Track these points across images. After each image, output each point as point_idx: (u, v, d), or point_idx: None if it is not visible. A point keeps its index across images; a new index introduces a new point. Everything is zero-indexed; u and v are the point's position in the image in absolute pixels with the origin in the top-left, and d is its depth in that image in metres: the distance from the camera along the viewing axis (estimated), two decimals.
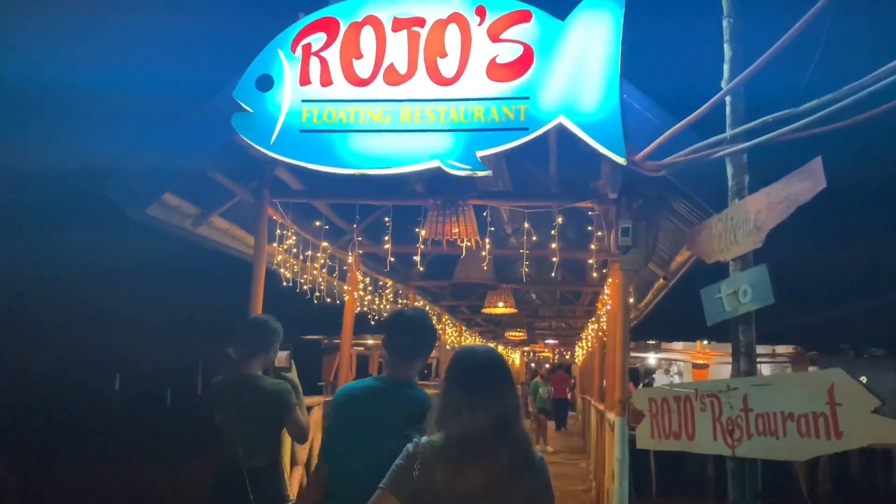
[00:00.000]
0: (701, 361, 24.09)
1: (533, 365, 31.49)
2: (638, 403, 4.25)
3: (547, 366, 26.24)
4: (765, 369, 24.10)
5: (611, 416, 6.08)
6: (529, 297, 16.62)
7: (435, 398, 2.31)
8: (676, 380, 24.16)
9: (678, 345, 23.25)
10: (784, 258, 4.08)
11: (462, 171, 4.34)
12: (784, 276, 3.88)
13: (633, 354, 14.04)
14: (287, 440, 4.79)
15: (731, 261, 3.78)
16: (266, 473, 3.39)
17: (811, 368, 19.43)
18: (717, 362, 24.38)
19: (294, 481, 5.23)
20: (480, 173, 4.32)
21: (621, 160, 4.20)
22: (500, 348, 26.23)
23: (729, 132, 3.89)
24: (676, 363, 25.25)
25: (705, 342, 23.98)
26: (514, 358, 29.40)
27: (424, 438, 2.18)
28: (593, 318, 12.88)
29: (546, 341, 26.94)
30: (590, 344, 15.46)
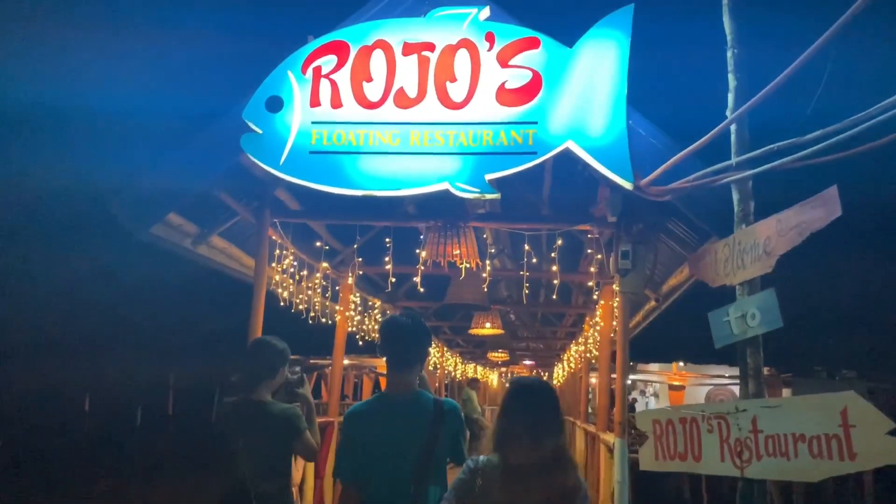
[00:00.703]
0: (677, 383, 24.30)
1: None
2: (641, 425, 4.29)
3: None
4: (738, 391, 24.35)
5: (608, 437, 6.12)
6: (509, 318, 16.69)
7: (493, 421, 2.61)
8: (652, 401, 24.34)
9: (654, 366, 23.41)
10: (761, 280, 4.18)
11: (471, 195, 4.40)
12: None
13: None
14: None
15: (738, 285, 3.87)
16: (276, 499, 3.35)
17: (785, 391, 19.70)
18: (692, 384, 24.64)
19: None
20: (489, 196, 4.38)
21: (628, 185, 4.28)
22: (480, 369, 26.23)
23: (734, 159, 4.00)
24: (652, 385, 25.41)
25: (681, 364, 24.22)
26: (493, 378, 29.42)
27: (483, 457, 2.49)
28: (578, 340, 12.96)
29: (524, 362, 27.01)
30: (573, 365, 15.53)
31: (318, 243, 6.69)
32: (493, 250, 6.28)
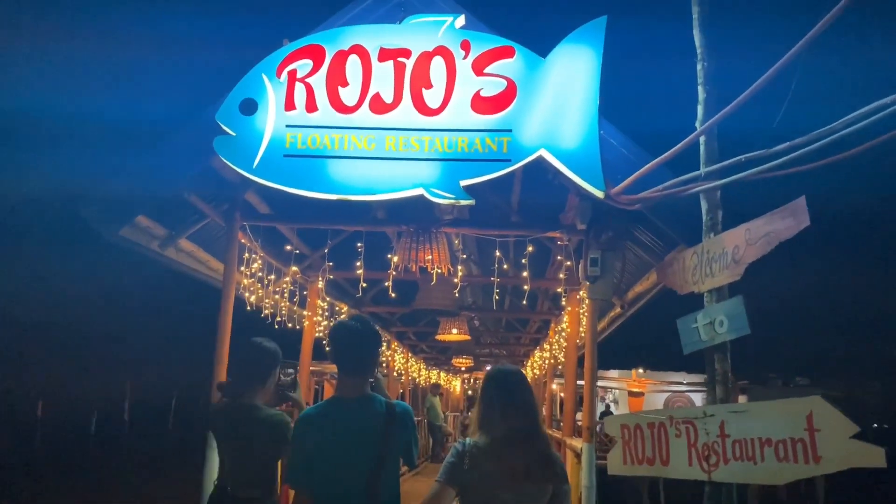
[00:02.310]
0: (637, 389, 24.61)
1: (470, 392, 31.50)
2: (610, 430, 4.36)
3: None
4: (695, 398, 24.84)
5: (575, 443, 6.18)
6: (473, 325, 16.75)
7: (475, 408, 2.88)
8: (612, 408, 24.59)
9: (613, 373, 23.64)
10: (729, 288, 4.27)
11: (445, 200, 4.44)
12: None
13: (561, 381, 14.28)
14: None
15: (706, 292, 3.97)
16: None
17: (741, 398, 20.11)
18: (651, 390, 24.96)
19: None
20: (463, 202, 4.42)
21: (599, 193, 4.35)
22: (443, 375, 26.21)
23: (703, 170, 4.10)
24: (611, 391, 25.68)
25: (640, 371, 24.55)
26: (456, 384, 29.44)
27: (469, 440, 2.77)
28: (543, 346, 13.06)
29: (487, 368, 27.11)
30: (536, 371, 15.64)
31: (287, 247, 6.65)
32: (464, 256, 6.30)
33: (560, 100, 4.45)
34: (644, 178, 4.37)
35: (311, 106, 4.53)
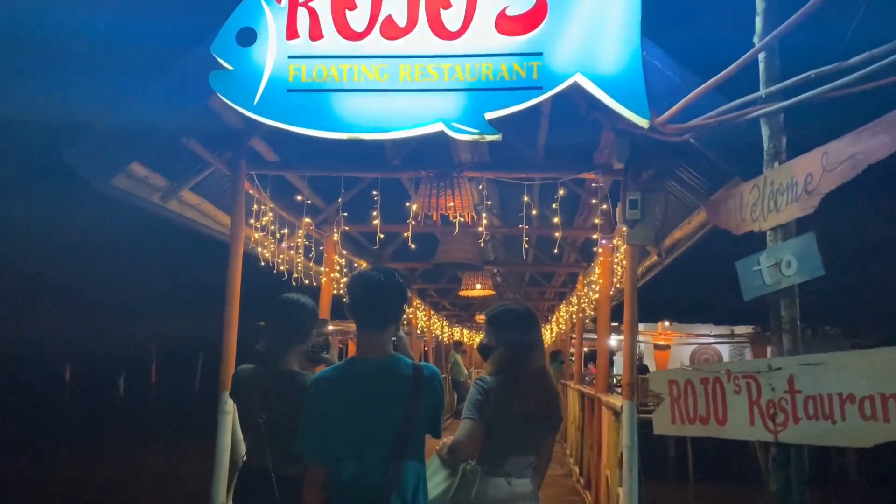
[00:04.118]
0: (663, 343, 24.27)
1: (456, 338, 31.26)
2: (656, 387, 3.93)
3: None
4: (723, 350, 24.45)
5: (613, 400, 5.78)
6: (496, 280, 16.36)
7: (497, 349, 3.07)
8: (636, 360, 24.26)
9: (640, 326, 23.19)
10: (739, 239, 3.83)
11: (469, 136, 3.95)
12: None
13: (590, 336, 13.90)
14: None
15: (770, 230, 3.48)
16: (297, 483, 2.66)
17: (770, 348, 19.64)
18: (677, 343, 24.62)
19: None
20: (489, 137, 3.94)
21: (644, 122, 3.85)
22: (466, 332, 26.00)
23: (764, 90, 3.58)
24: (637, 345, 25.31)
25: (666, 324, 24.17)
26: (477, 340, 29.24)
27: (488, 377, 2.97)
28: (570, 300, 12.63)
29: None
30: (562, 327, 15.25)
31: (298, 197, 6.21)
32: (489, 202, 5.84)
33: (597, 17, 3.92)
34: (692, 105, 3.85)
35: (316, 33, 4.04)
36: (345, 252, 8.15)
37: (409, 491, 2.42)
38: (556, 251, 6.70)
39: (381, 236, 5.90)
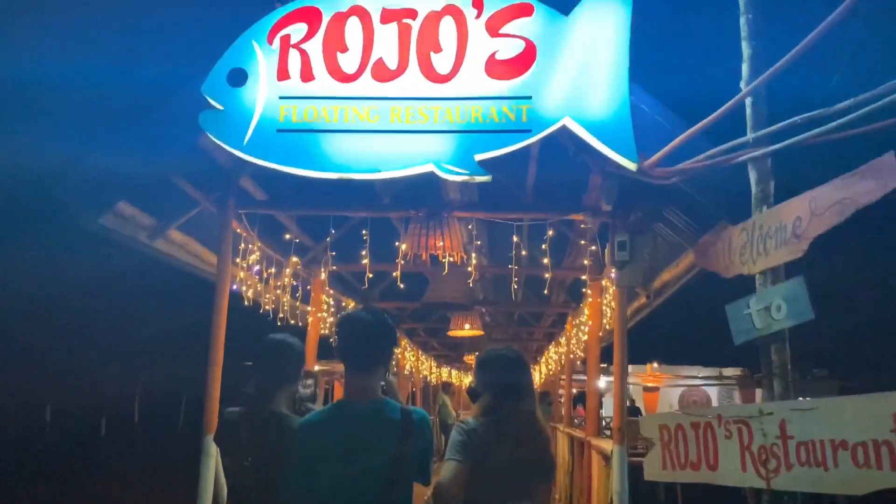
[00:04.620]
0: (652, 384, 24.14)
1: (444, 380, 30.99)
2: (647, 431, 3.88)
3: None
4: (711, 392, 24.35)
5: (603, 444, 5.71)
6: (485, 320, 16.29)
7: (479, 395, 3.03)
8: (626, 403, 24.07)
9: (628, 367, 23.00)
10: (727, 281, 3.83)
11: (459, 177, 3.97)
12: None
13: (579, 377, 13.81)
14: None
15: (759, 274, 3.48)
16: None
17: (758, 391, 19.57)
18: (666, 385, 24.49)
19: None
20: (479, 178, 3.95)
21: (632, 165, 3.87)
22: (455, 373, 25.78)
23: (751, 135, 3.62)
24: (627, 386, 25.11)
25: (655, 365, 24.08)
26: (467, 382, 28.95)
27: (471, 420, 2.90)
28: (559, 341, 12.58)
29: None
30: (551, 367, 15.16)
31: (287, 236, 6.18)
32: (478, 242, 5.83)
33: (585, 62, 3.97)
34: (680, 149, 3.89)
35: (307, 75, 4.07)
36: (332, 291, 8.09)
37: None
38: (545, 292, 6.68)
39: (371, 276, 5.86)
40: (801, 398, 3.36)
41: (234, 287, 5.96)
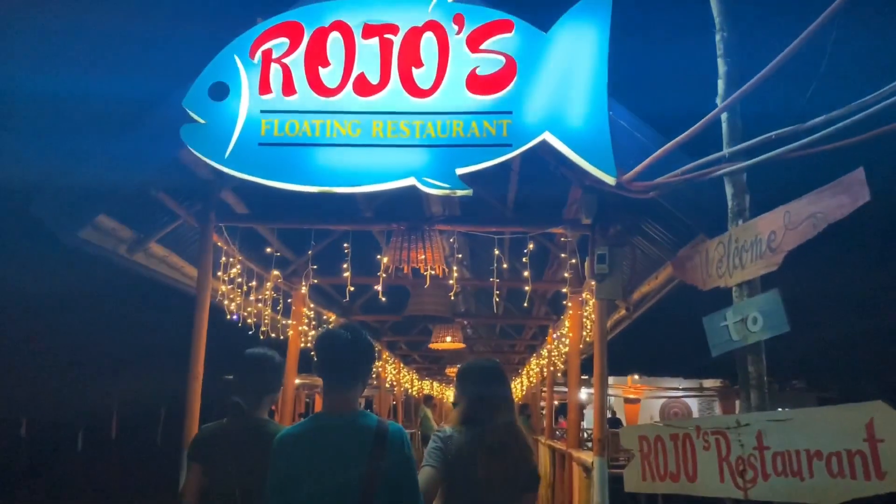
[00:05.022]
0: (633, 396, 24.25)
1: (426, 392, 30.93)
2: (626, 443, 3.91)
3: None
4: (692, 404, 24.50)
5: (584, 456, 5.74)
6: (466, 332, 16.29)
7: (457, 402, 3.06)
8: (607, 415, 24.13)
9: (609, 380, 23.08)
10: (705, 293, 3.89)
11: (440, 190, 3.99)
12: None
13: (560, 389, 13.85)
14: None
15: (735, 287, 3.54)
16: None
17: (738, 402, 19.70)
18: (647, 397, 24.62)
19: None
20: (460, 192, 3.98)
21: (611, 179, 3.92)
22: (436, 385, 25.73)
23: (727, 150, 3.68)
24: (608, 398, 25.17)
25: (636, 377, 24.20)
26: (449, 395, 28.89)
27: (448, 428, 2.93)
28: (540, 353, 12.61)
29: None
30: (532, 380, 15.19)
31: (268, 249, 6.17)
32: (459, 255, 5.86)
33: (565, 78, 4.03)
34: (658, 164, 3.94)
35: (289, 89, 4.08)
36: (313, 305, 8.07)
37: None
38: (525, 304, 6.72)
39: (352, 289, 5.87)
40: (779, 409, 3.41)
41: (216, 300, 5.94)
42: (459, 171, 3.95)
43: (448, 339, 10.92)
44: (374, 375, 14.05)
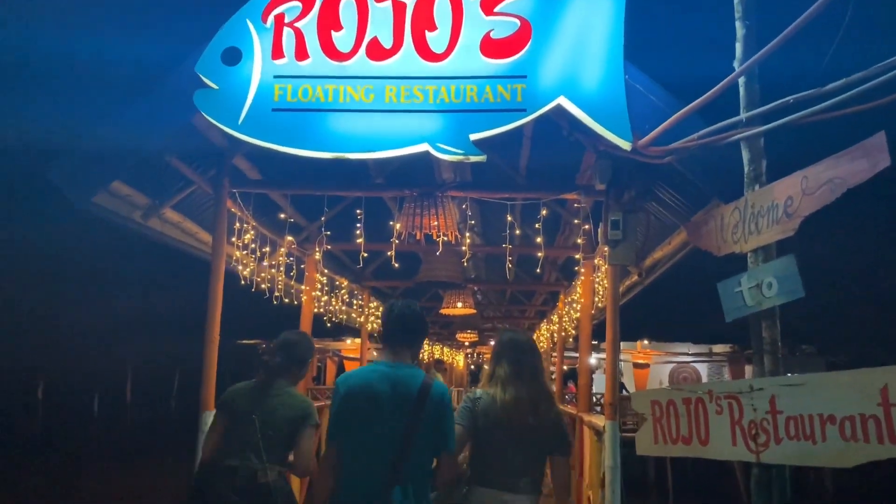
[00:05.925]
0: (642, 361, 24.35)
1: (473, 367, 31.20)
2: (638, 406, 3.95)
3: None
4: (701, 369, 24.58)
5: (595, 420, 5.79)
6: (476, 298, 16.33)
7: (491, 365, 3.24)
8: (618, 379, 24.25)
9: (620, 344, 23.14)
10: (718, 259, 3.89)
11: (453, 156, 3.97)
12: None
13: (570, 354, 13.93)
14: None
15: (751, 252, 3.53)
16: (279, 485, 3.18)
17: (748, 367, 19.73)
18: (656, 362, 24.70)
19: None
20: (474, 158, 3.96)
21: (626, 145, 3.89)
22: (447, 350, 25.91)
23: (744, 114, 3.64)
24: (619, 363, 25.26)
25: (645, 342, 24.27)
26: (459, 360, 29.11)
27: (479, 391, 3.16)
28: (551, 319, 12.65)
29: (491, 342, 26.71)
30: (543, 345, 15.26)
31: (281, 215, 6.19)
32: (472, 222, 5.85)
33: (580, 41, 3.97)
34: (673, 129, 3.91)
35: (302, 54, 4.05)
36: (326, 270, 8.11)
37: (412, 485, 2.62)
38: (538, 270, 6.72)
39: (365, 255, 5.88)
40: (789, 374, 3.42)
41: (230, 265, 5.98)
42: (473, 136, 3.93)
43: (459, 304, 10.96)
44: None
